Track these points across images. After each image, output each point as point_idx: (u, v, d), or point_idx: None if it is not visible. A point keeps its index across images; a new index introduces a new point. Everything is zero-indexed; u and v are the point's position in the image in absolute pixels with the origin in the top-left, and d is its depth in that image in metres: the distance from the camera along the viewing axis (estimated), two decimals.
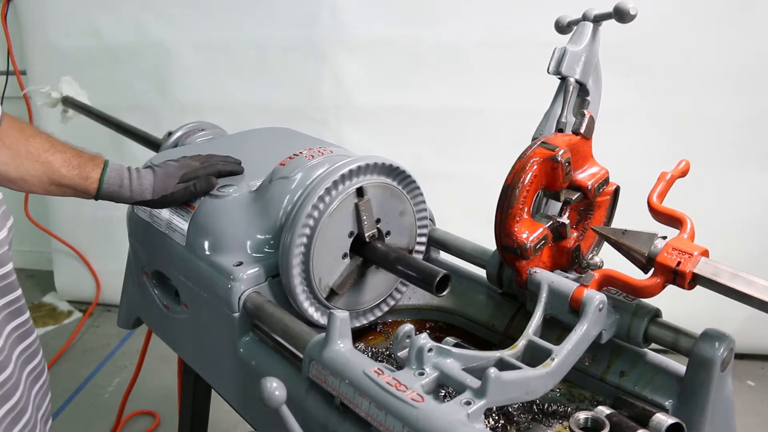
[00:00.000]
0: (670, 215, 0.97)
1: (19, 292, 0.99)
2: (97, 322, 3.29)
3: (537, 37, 1.68)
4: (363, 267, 1.18)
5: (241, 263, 1.13)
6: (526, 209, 1.02)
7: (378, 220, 1.18)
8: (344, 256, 1.16)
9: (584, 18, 1.15)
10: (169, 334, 1.40)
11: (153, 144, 1.68)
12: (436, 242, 1.34)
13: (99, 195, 1.19)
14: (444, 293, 1.10)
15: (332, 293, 1.15)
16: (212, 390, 1.46)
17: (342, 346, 0.89)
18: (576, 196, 1.07)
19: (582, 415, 0.86)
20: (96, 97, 2.22)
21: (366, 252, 1.16)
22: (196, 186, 1.21)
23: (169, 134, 1.58)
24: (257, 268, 1.12)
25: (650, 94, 2.62)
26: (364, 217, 1.14)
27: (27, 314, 1.02)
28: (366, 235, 1.15)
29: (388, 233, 1.20)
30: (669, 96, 2.62)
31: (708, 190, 2.54)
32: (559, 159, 1.02)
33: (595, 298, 0.95)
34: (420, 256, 1.29)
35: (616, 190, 1.13)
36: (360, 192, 1.14)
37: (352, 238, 1.15)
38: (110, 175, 1.19)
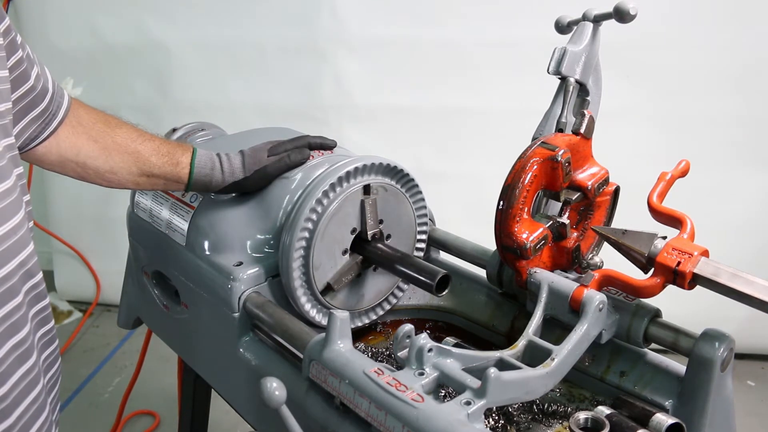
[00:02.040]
0: (670, 215, 0.97)
1: (41, 275, 0.99)
2: (97, 322, 3.29)
3: (537, 37, 1.68)
4: (362, 265, 1.18)
5: (241, 263, 1.13)
6: (526, 209, 1.02)
7: (381, 221, 1.18)
8: (344, 252, 1.16)
9: (584, 18, 1.15)
10: (169, 334, 1.40)
11: None
12: (436, 242, 1.34)
13: (191, 182, 1.17)
14: (444, 293, 1.10)
15: (328, 288, 1.15)
16: (212, 390, 1.46)
17: (342, 346, 0.89)
18: (576, 196, 1.07)
19: (582, 415, 0.87)
20: (96, 97, 2.22)
21: (366, 251, 1.16)
22: (290, 157, 1.19)
23: (174, 130, 1.57)
24: (257, 268, 1.12)
25: (650, 94, 2.62)
26: (369, 215, 1.14)
27: (47, 299, 1.03)
28: (369, 233, 1.15)
29: (389, 236, 1.20)
30: (669, 96, 2.62)
31: (708, 190, 2.54)
32: (559, 159, 1.02)
33: (595, 298, 0.95)
34: (420, 256, 1.29)
35: (616, 190, 1.13)
36: (367, 190, 1.14)
37: (354, 235, 1.15)
38: (200, 159, 1.17)
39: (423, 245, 1.29)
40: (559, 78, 1.15)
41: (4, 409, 0.88)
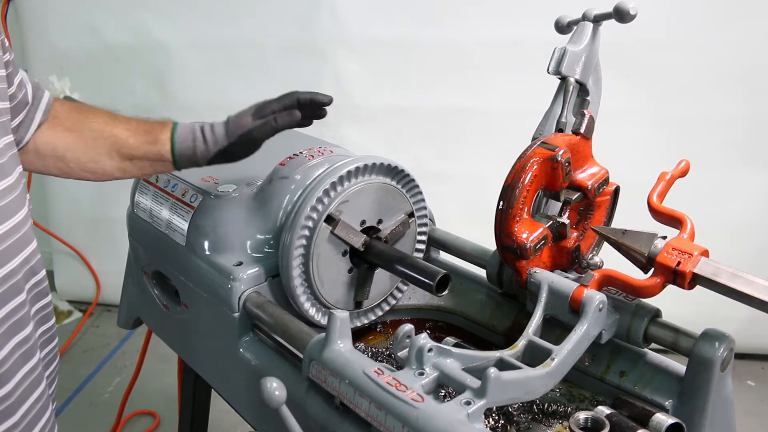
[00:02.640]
0: (670, 215, 0.97)
1: (44, 272, 0.98)
2: (97, 322, 3.29)
3: (537, 37, 1.68)
4: (372, 270, 1.19)
5: (241, 263, 1.13)
6: (526, 209, 1.02)
7: (380, 221, 1.18)
8: (350, 270, 1.17)
9: (584, 18, 1.15)
10: (169, 334, 1.40)
11: None
12: (436, 242, 1.33)
13: (175, 158, 1.11)
14: (444, 293, 1.10)
15: (358, 305, 1.19)
16: (212, 390, 1.46)
17: (342, 346, 0.89)
18: (576, 196, 1.07)
19: (582, 415, 0.86)
20: (96, 97, 2.22)
21: (366, 257, 1.16)
22: (277, 120, 1.09)
23: None
24: (257, 268, 1.12)
25: (650, 94, 2.62)
26: (344, 235, 1.13)
27: (49, 297, 1.02)
28: (358, 245, 1.14)
29: (386, 240, 1.20)
30: (669, 96, 2.62)
31: (708, 190, 2.54)
32: (559, 159, 1.02)
33: (595, 298, 0.95)
34: (420, 256, 1.29)
35: (616, 190, 1.13)
36: (329, 220, 1.11)
37: (347, 255, 1.16)
38: (181, 133, 1.11)
39: (423, 245, 1.29)
40: (559, 78, 1.15)
41: (9, 407, 0.87)
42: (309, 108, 1.13)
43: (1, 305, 0.86)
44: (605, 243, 1.05)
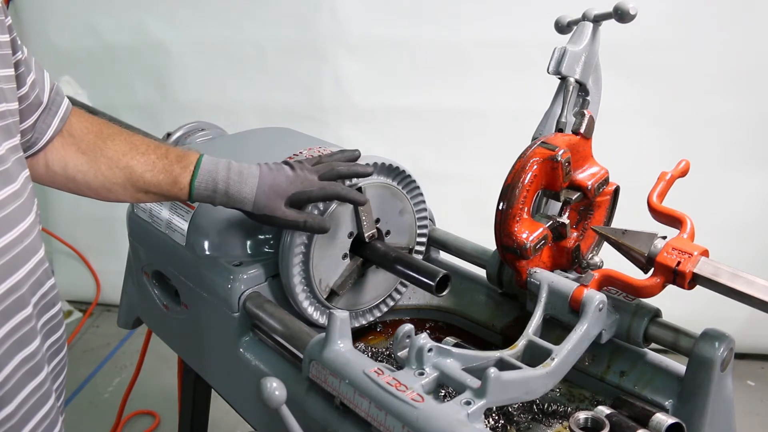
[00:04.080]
0: (670, 215, 0.97)
1: (52, 281, 0.91)
2: (97, 322, 3.29)
3: (537, 37, 1.68)
4: (363, 267, 1.18)
5: (241, 263, 1.13)
6: (526, 209, 1.02)
7: (377, 220, 1.18)
8: (344, 256, 1.16)
9: (584, 18, 1.15)
10: (169, 334, 1.40)
11: None
12: (436, 242, 1.33)
13: (192, 201, 1.07)
14: (444, 293, 1.10)
15: (332, 294, 1.15)
16: (212, 390, 1.46)
17: (342, 346, 0.89)
18: (576, 196, 1.07)
19: (582, 415, 0.86)
20: (96, 97, 2.22)
21: (366, 252, 1.16)
22: (307, 223, 1.04)
23: (168, 135, 1.58)
24: (257, 268, 1.12)
25: (650, 94, 2.63)
26: (364, 218, 1.14)
27: (59, 305, 0.95)
28: (366, 235, 1.14)
29: (387, 233, 1.20)
30: (669, 96, 2.62)
31: (708, 190, 2.54)
32: (559, 159, 1.02)
33: (595, 298, 0.95)
34: (420, 256, 1.29)
35: (616, 190, 1.13)
36: (359, 191, 1.13)
37: (351, 239, 1.15)
38: (202, 179, 1.03)
39: (423, 245, 1.29)
40: (559, 78, 1.15)
41: (12, 427, 0.82)
42: (344, 201, 1.10)
43: (4, 321, 0.80)
44: (605, 243, 1.05)
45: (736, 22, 2.52)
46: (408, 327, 0.87)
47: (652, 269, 0.94)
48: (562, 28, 1.19)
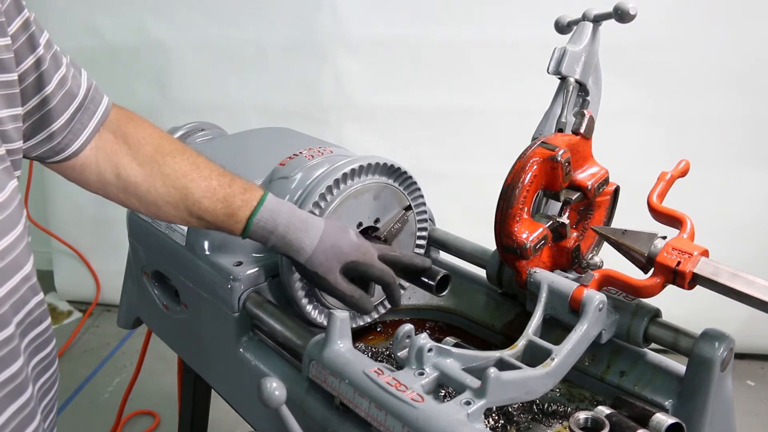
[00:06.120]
0: (670, 215, 0.97)
1: (39, 297, 0.86)
2: (97, 322, 3.29)
3: (537, 37, 1.68)
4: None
5: (241, 263, 1.13)
6: (526, 209, 1.02)
7: (377, 220, 1.18)
8: None
9: (584, 18, 1.15)
10: (169, 334, 1.40)
11: None
12: (436, 242, 1.33)
13: (247, 236, 1.02)
14: (444, 293, 1.10)
15: (384, 240, 1.17)
16: (212, 390, 1.46)
17: (342, 346, 0.89)
18: (576, 196, 1.07)
19: (582, 415, 0.86)
20: None
21: None
22: (353, 299, 1.03)
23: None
24: (257, 268, 1.12)
25: (650, 94, 2.62)
26: (395, 225, 1.16)
27: (47, 322, 0.90)
28: (382, 234, 1.16)
29: (385, 238, 1.20)
30: (669, 96, 2.62)
31: (708, 190, 2.54)
32: (559, 159, 1.02)
33: (595, 298, 0.95)
34: None
35: (616, 190, 1.13)
36: (408, 209, 1.20)
37: (360, 230, 1.15)
38: (262, 217, 0.99)
39: (423, 245, 1.29)
40: (559, 78, 1.15)
41: None
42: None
43: None
44: (605, 243, 1.05)
45: (736, 22, 2.52)
46: (408, 327, 0.87)
47: (652, 269, 0.94)
48: (562, 28, 1.19)
